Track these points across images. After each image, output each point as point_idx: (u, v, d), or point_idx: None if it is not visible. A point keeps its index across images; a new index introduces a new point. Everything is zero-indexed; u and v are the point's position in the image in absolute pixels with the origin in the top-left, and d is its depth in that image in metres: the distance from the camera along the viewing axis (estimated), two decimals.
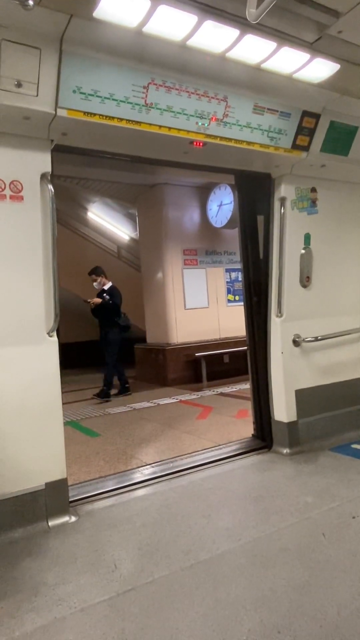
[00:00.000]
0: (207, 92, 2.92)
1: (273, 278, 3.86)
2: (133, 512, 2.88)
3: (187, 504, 2.92)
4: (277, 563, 2.19)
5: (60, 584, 2.14)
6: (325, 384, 4.01)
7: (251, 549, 2.34)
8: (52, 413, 2.81)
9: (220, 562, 2.24)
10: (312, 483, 3.11)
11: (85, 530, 2.66)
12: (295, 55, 2.72)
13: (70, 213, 10.60)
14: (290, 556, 2.25)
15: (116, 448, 4.35)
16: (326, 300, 4.06)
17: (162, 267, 8.31)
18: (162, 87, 2.76)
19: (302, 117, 3.32)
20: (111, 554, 2.39)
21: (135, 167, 6.38)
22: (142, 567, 2.24)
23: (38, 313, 2.78)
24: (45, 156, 2.77)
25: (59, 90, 2.49)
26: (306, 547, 2.31)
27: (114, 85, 2.64)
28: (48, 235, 2.81)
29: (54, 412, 2.82)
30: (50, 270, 2.82)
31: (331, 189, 4.01)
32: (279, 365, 3.81)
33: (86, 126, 2.69)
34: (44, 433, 2.78)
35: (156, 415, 5.73)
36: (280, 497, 2.93)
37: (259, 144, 3.27)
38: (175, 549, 2.38)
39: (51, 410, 2.81)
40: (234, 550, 2.34)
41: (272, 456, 3.73)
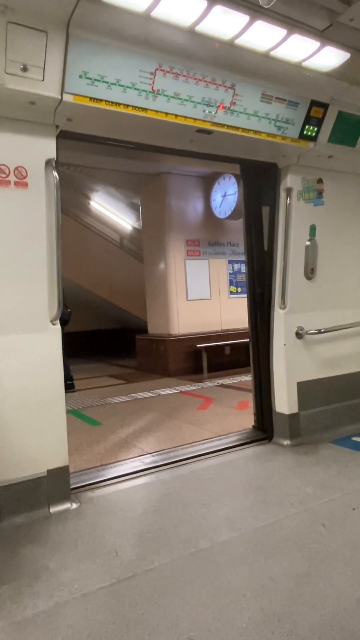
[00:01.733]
0: (215, 79, 2.88)
1: (277, 269, 3.84)
2: (134, 500, 2.89)
3: (187, 493, 2.94)
4: (277, 553, 2.21)
5: (61, 570, 2.16)
6: (327, 377, 4.01)
7: (252, 539, 2.35)
8: (55, 401, 2.82)
9: (220, 550, 2.26)
10: (312, 474, 3.12)
11: (87, 517, 2.68)
12: (305, 43, 2.68)
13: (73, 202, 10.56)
14: (291, 546, 2.26)
15: (117, 437, 4.36)
16: (330, 293, 4.04)
17: (164, 257, 8.29)
18: (169, 73, 2.73)
19: (310, 107, 3.29)
20: (112, 541, 2.40)
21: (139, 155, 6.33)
22: (143, 555, 2.25)
23: (41, 301, 2.77)
24: (50, 142, 2.74)
25: (65, 75, 2.46)
26: (306, 538, 2.33)
27: (121, 70, 2.60)
28: (52, 222, 2.79)
29: (56, 400, 2.83)
30: (54, 258, 2.81)
31: (338, 181, 3.98)
32: (282, 357, 3.81)
33: (92, 112, 2.66)
34: (46, 420, 2.79)
35: (157, 406, 5.74)
36: (280, 487, 2.94)
37: (266, 133, 3.23)
38: (175, 537, 2.40)
39: (54, 398, 2.81)
40: (235, 539, 2.35)
41: (272, 447, 3.74)
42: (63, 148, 2.85)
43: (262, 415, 4.01)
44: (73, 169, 8.24)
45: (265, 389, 3.96)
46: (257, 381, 4.05)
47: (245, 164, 3.87)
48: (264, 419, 3.97)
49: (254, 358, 4.08)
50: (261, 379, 4.01)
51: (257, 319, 4.01)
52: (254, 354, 4.08)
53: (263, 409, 3.99)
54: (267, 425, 3.94)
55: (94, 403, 6.13)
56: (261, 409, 4.02)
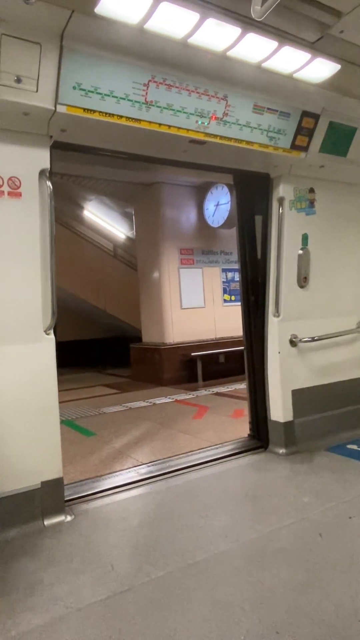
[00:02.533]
0: (207, 90, 2.90)
1: (271, 278, 3.85)
2: (129, 511, 2.86)
3: (183, 504, 2.91)
4: (274, 563, 2.19)
5: (56, 584, 2.13)
6: (321, 384, 4.02)
7: (249, 549, 2.33)
8: (49, 412, 2.79)
9: (217, 562, 2.23)
10: (308, 483, 3.11)
11: (81, 530, 2.64)
12: (296, 55, 2.71)
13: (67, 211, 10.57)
14: (288, 556, 2.24)
15: (112, 447, 4.33)
16: (323, 301, 4.06)
17: (158, 266, 8.30)
18: (162, 84, 2.75)
19: (301, 117, 3.32)
20: (107, 553, 2.37)
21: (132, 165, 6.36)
22: (139, 567, 2.22)
23: (35, 311, 2.75)
24: (44, 152, 2.75)
25: (59, 87, 2.47)
26: (304, 548, 2.31)
27: (115, 82, 2.62)
28: (46, 232, 2.78)
29: (50, 410, 2.80)
30: (47, 268, 2.80)
31: (329, 190, 4.01)
32: (276, 365, 3.81)
33: (86, 123, 2.67)
34: (40, 432, 2.76)
35: (152, 415, 5.71)
36: (276, 497, 2.93)
37: (259, 144, 3.26)
38: (172, 549, 2.37)
39: (48, 408, 2.79)
40: (232, 550, 2.33)
41: (268, 456, 3.73)
42: (57, 158, 2.86)
43: (257, 423, 4.00)
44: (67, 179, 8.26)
45: (260, 397, 3.95)
46: (252, 389, 4.04)
47: (237, 174, 3.89)
48: (259, 428, 3.96)
49: (249, 366, 4.07)
50: (256, 387, 4.00)
51: (251, 327, 4.01)
52: (249, 362, 4.07)
53: (258, 417, 3.98)
54: (262, 433, 3.92)
55: (88, 413, 6.08)
56: (256, 417, 4.00)
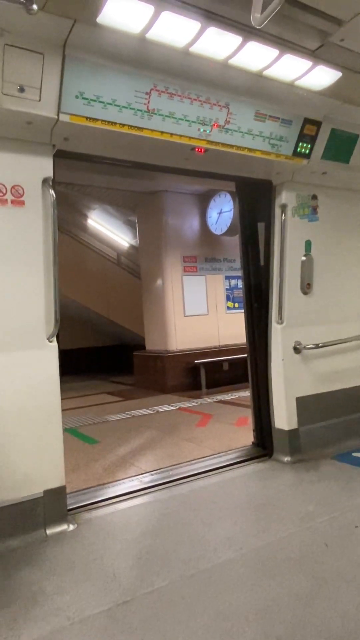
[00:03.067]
0: (209, 98, 2.92)
1: (274, 284, 3.85)
2: (132, 520, 2.84)
3: (187, 512, 2.89)
4: (279, 573, 2.16)
5: (58, 594, 2.10)
6: (326, 392, 3.99)
7: (253, 558, 2.30)
8: (52, 420, 2.78)
9: (221, 571, 2.21)
10: (313, 492, 3.08)
11: (84, 539, 2.62)
12: (297, 63, 2.73)
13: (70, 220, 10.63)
14: (293, 566, 2.21)
15: (115, 455, 4.30)
16: (327, 307, 4.05)
17: (161, 274, 8.31)
18: (164, 93, 2.77)
19: (303, 125, 3.33)
20: (110, 563, 2.35)
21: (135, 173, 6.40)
22: (142, 577, 2.20)
23: (38, 318, 2.76)
24: (47, 161, 2.77)
25: (61, 96, 2.50)
26: (309, 557, 2.28)
27: (117, 91, 2.64)
28: (49, 240, 2.79)
29: (53, 418, 2.79)
30: (50, 276, 2.81)
31: (332, 197, 4.02)
32: (280, 372, 3.79)
33: (88, 131, 2.69)
34: (43, 440, 2.74)
35: (155, 423, 5.68)
36: (281, 505, 2.90)
37: (261, 151, 3.27)
38: (175, 558, 2.35)
39: (51, 416, 2.78)
40: (236, 560, 2.30)
41: (272, 464, 3.69)
42: (60, 167, 2.88)
43: (261, 431, 3.97)
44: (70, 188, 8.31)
45: (264, 404, 3.93)
46: (256, 397, 4.02)
47: (240, 182, 3.91)
48: (264, 436, 3.93)
49: (252, 373, 4.05)
50: (260, 395, 3.98)
51: (255, 334, 4.00)
52: (252, 370, 4.05)
53: (262, 425, 3.95)
54: (266, 441, 3.89)
55: (91, 421, 6.06)
56: (260, 425, 3.98)
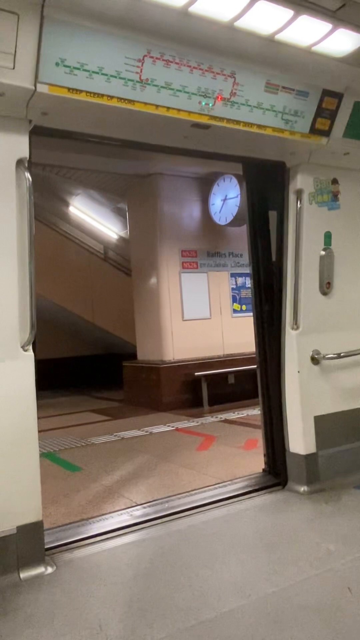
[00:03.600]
0: (212, 66, 2.94)
1: (288, 284, 3.86)
2: (121, 561, 2.83)
3: (186, 552, 2.88)
4: (294, 623, 2.16)
5: None
6: (350, 410, 4.00)
7: (263, 607, 2.30)
8: (27, 443, 2.78)
9: (226, 622, 2.21)
10: (334, 527, 3.08)
11: (64, 584, 2.62)
12: (315, 25, 2.75)
13: (49, 207, 10.66)
14: (310, 615, 2.21)
15: (100, 485, 4.30)
16: (350, 310, 4.06)
17: (156, 270, 8.34)
18: (159, 60, 2.78)
19: (322, 97, 3.36)
20: (95, 612, 2.34)
21: (126, 153, 6.43)
22: (133, 629, 2.19)
23: (11, 323, 2.76)
24: (22, 139, 2.77)
25: (39, 63, 2.51)
26: (329, 604, 2.28)
27: (104, 57, 2.65)
28: (24, 231, 2.80)
29: (28, 441, 2.79)
30: (26, 273, 2.81)
31: (356, 181, 4.04)
32: (295, 387, 3.80)
33: (71, 105, 2.70)
34: (16, 467, 2.74)
35: (148, 446, 5.69)
36: (297, 544, 2.90)
37: (272, 128, 3.29)
38: (172, 606, 2.34)
39: (25, 439, 2.78)
40: (243, 608, 2.30)
41: (286, 495, 3.70)
42: (37, 146, 2.89)
43: (273, 456, 3.97)
44: (49, 170, 8.34)
45: (277, 425, 3.93)
46: (267, 415, 4.03)
47: (248, 163, 3.93)
48: (276, 461, 3.93)
49: (263, 388, 4.06)
50: (272, 413, 3.98)
51: (266, 342, 4.01)
52: (263, 384, 4.06)
53: (275, 448, 3.96)
54: (279, 468, 3.90)
55: (72, 444, 6.06)
56: (272, 449, 3.98)
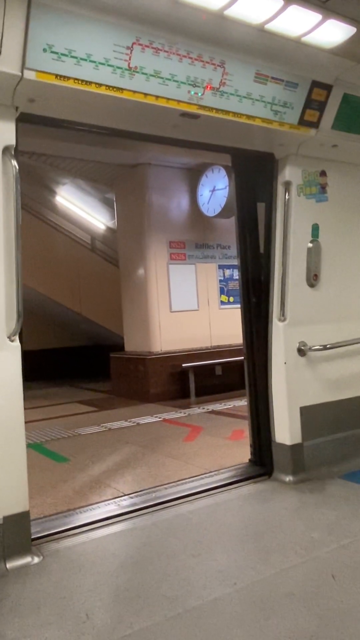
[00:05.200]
0: (201, 55, 2.92)
1: (275, 276, 3.87)
2: (108, 551, 2.84)
3: (172, 542, 2.90)
4: (279, 611, 2.18)
5: (20, 638, 2.10)
6: (335, 401, 4.04)
7: (249, 595, 2.32)
8: (13, 433, 2.77)
9: (212, 610, 2.22)
10: (319, 516, 3.12)
11: (51, 574, 2.62)
12: (305, 15, 2.74)
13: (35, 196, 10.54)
14: (295, 602, 2.24)
15: (87, 475, 4.31)
16: (337, 302, 4.09)
17: (144, 262, 8.31)
18: (148, 48, 2.76)
19: (311, 89, 3.35)
20: (82, 601, 2.35)
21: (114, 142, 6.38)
22: (120, 617, 2.21)
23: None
24: (8, 126, 2.74)
25: (26, 49, 2.47)
26: (313, 592, 2.31)
27: (93, 44, 2.62)
28: (10, 221, 2.77)
29: (14, 432, 2.78)
30: (12, 263, 2.79)
31: (344, 173, 4.05)
32: (282, 378, 3.83)
33: (58, 92, 2.67)
34: (2, 457, 2.73)
35: (135, 437, 5.70)
36: (282, 533, 2.93)
37: (261, 119, 3.29)
38: (159, 595, 2.36)
39: (11, 430, 2.77)
40: (229, 596, 2.32)
41: (272, 485, 3.73)
42: (23, 133, 2.85)
43: (259, 446, 4.00)
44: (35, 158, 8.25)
45: (264, 415, 3.96)
46: (254, 406, 4.05)
47: (236, 154, 3.91)
48: (262, 452, 3.96)
49: (250, 379, 4.08)
50: (258, 404, 4.01)
51: (253, 334, 4.03)
52: (250, 375, 4.08)
53: (261, 439, 3.98)
54: (265, 458, 3.93)
55: (59, 435, 6.05)
56: (259, 439, 4.01)
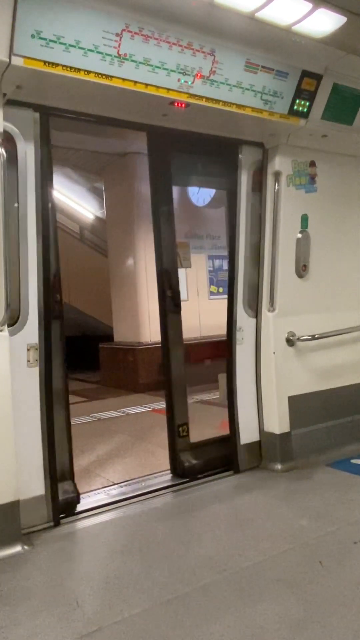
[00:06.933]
0: (191, 43, 2.90)
1: (264, 266, 3.88)
2: (98, 539, 2.86)
3: (162, 530, 2.92)
4: (267, 596, 2.21)
5: (11, 626, 2.11)
6: (322, 390, 4.07)
7: (238, 580, 2.35)
8: (2, 422, 2.76)
9: (202, 596, 2.25)
10: (307, 504, 3.16)
11: (41, 562, 2.63)
12: (296, 4, 2.73)
13: None
14: (283, 588, 2.27)
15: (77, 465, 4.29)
16: (325, 293, 4.11)
17: (133, 252, 8.26)
18: (138, 35, 2.73)
19: (301, 78, 3.35)
20: (72, 589, 2.36)
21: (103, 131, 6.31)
22: (110, 604, 2.22)
23: None
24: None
25: (14, 34, 2.44)
26: (301, 578, 2.34)
27: (81, 30, 2.60)
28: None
29: (3, 420, 2.76)
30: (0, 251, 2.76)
31: (333, 164, 4.06)
32: (271, 368, 3.85)
33: (46, 78, 2.65)
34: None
35: (125, 427, 5.70)
36: (271, 520, 2.96)
37: (251, 108, 3.28)
38: (149, 581, 2.38)
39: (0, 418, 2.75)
40: (218, 582, 2.34)
41: (261, 473, 3.76)
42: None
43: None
44: None
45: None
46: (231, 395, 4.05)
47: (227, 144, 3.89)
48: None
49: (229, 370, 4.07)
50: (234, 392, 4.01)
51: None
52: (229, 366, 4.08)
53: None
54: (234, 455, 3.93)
55: None
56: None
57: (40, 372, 2.99)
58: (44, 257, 3.02)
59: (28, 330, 2.96)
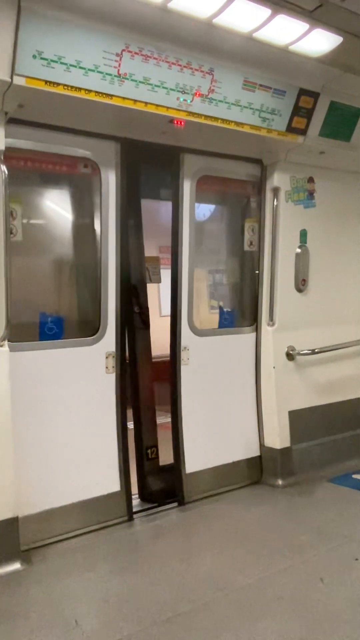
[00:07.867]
0: (190, 63, 2.94)
1: (264, 280, 3.90)
2: (98, 556, 2.83)
3: (162, 546, 2.91)
4: (268, 614, 2.19)
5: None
6: (323, 404, 4.06)
7: (239, 599, 2.33)
8: (1, 439, 2.75)
9: (202, 614, 2.23)
10: (308, 519, 3.14)
11: (40, 580, 2.60)
12: (293, 25, 2.77)
13: None
14: (284, 606, 2.25)
15: None
16: (325, 307, 4.12)
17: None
18: (138, 55, 2.77)
19: (298, 96, 3.39)
20: (71, 607, 2.34)
21: None
22: (109, 623, 2.20)
23: None
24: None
25: (16, 55, 2.47)
26: (302, 595, 2.32)
27: (82, 51, 2.63)
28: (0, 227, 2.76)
29: (2, 436, 2.76)
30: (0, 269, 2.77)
31: (331, 180, 4.09)
32: (271, 382, 3.84)
33: (48, 97, 2.68)
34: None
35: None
36: (271, 536, 2.94)
37: (250, 125, 3.31)
38: (148, 600, 2.35)
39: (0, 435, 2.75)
40: (219, 600, 2.32)
41: (262, 488, 3.74)
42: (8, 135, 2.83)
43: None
44: None
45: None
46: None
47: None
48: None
49: None
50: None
51: None
52: None
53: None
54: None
55: None
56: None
57: (117, 378, 3.26)
58: (121, 272, 3.31)
59: (107, 339, 3.24)
